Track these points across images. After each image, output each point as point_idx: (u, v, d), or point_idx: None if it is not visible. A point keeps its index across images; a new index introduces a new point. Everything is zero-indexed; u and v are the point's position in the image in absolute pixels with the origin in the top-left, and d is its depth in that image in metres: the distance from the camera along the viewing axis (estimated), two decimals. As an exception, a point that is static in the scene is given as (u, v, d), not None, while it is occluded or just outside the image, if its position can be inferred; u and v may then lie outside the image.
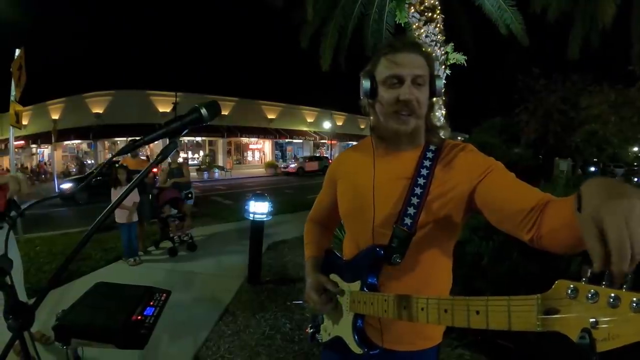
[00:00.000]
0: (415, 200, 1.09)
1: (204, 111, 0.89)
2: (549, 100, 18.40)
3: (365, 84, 1.17)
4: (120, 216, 5.34)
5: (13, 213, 3.04)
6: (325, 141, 38.04)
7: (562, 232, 0.79)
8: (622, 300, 0.51)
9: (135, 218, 5.50)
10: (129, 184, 0.93)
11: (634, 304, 0.50)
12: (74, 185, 14.60)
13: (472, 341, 2.93)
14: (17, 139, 23.26)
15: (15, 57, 6.69)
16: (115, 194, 5.33)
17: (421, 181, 1.10)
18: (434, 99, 1.19)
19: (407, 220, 1.08)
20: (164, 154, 0.88)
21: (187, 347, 3.16)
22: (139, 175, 0.96)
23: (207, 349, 3.17)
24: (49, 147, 28.58)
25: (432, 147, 1.16)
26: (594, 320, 0.53)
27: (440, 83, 1.15)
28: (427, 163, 1.12)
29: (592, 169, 21.95)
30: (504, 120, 21.17)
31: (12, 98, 6.84)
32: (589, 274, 0.56)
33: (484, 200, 1.03)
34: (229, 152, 33.15)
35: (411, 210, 1.08)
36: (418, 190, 1.09)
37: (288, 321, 3.63)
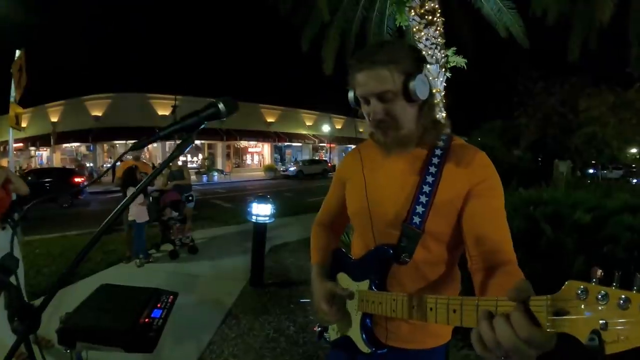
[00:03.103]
0: (424, 199, 1.08)
1: (221, 106, 0.87)
2: (548, 102, 18.46)
3: (350, 95, 1.18)
4: (136, 214, 5.42)
5: (16, 215, 3.03)
6: (325, 144, 38.06)
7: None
8: (632, 302, 0.50)
9: (147, 216, 5.60)
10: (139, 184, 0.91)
11: None
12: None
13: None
14: (16, 141, 23.21)
15: (16, 58, 6.67)
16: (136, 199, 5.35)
17: (430, 179, 1.09)
18: (427, 99, 1.11)
19: (416, 220, 1.07)
20: (180, 149, 0.86)
21: (191, 351, 3.13)
22: (150, 174, 0.94)
23: (211, 352, 3.14)
24: (48, 149, 28.61)
25: (440, 144, 1.14)
26: (603, 321, 0.52)
27: (414, 84, 1.05)
28: (435, 160, 1.11)
29: (591, 170, 21.96)
30: (504, 123, 21.25)
31: (11, 99, 6.80)
32: (598, 274, 0.55)
33: (466, 214, 1.07)
34: (228, 156, 33.16)
35: (420, 209, 1.08)
36: (427, 189, 1.08)
37: (292, 323, 3.60)
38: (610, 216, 3.84)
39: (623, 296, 0.51)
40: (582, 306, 0.55)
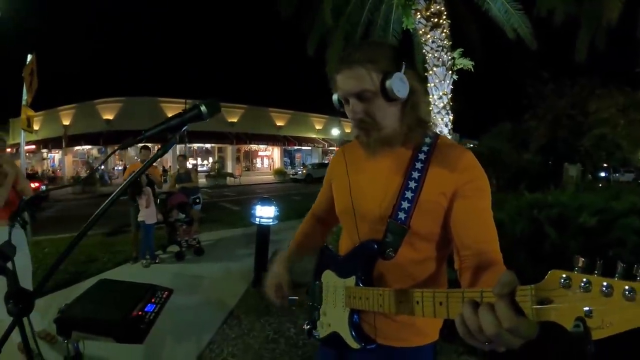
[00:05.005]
0: (409, 195, 1.08)
1: (203, 108, 0.92)
2: (557, 105, 18.24)
3: (334, 98, 1.21)
4: (145, 215, 5.51)
5: (26, 214, 3.10)
6: (334, 148, 38.07)
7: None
8: (615, 289, 0.52)
9: (156, 218, 5.70)
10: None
11: (627, 292, 0.51)
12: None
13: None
14: (28, 143, 23.50)
15: (27, 62, 6.81)
16: (141, 201, 5.44)
17: (415, 175, 1.09)
18: (410, 97, 1.10)
19: (401, 215, 1.08)
20: (163, 149, 0.91)
21: (190, 349, 3.17)
22: (135, 173, 0.98)
23: (210, 351, 3.17)
24: (60, 152, 29.03)
25: (426, 143, 1.14)
26: (588, 309, 0.54)
27: (391, 83, 1.03)
28: (421, 157, 1.11)
29: (602, 174, 21.61)
30: (513, 126, 21.03)
31: (23, 102, 6.95)
32: (580, 263, 0.57)
33: (453, 216, 1.07)
34: (238, 159, 33.31)
35: (405, 205, 1.08)
36: (412, 185, 1.08)
37: (292, 325, 3.62)
38: (617, 219, 3.79)
39: (605, 283, 0.53)
40: (566, 294, 0.57)
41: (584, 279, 0.55)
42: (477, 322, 0.66)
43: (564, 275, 0.58)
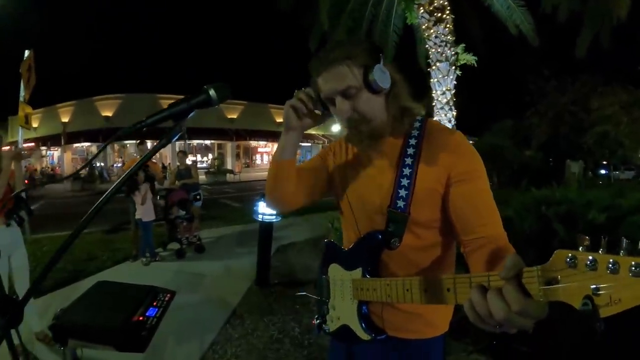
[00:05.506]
0: (405, 182, 1.09)
1: (212, 92, 0.82)
2: (559, 101, 18.19)
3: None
4: (142, 212, 5.41)
5: (23, 212, 3.03)
6: (334, 145, 37.95)
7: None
8: (621, 266, 0.52)
9: (154, 215, 5.63)
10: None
11: (633, 268, 0.51)
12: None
13: (487, 345, 2.83)
14: (27, 141, 23.35)
15: (25, 58, 6.70)
16: (136, 198, 5.36)
17: (409, 161, 1.10)
18: (392, 89, 1.10)
19: (400, 203, 1.08)
20: (168, 137, 0.81)
21: (193, 350, 3.10)
22: (138, 162, 0.89)
23: (213, 352, 3.10)
24: (59, 149, 28.93)
25: (415, 128, 1.14)
26: (595, 287, 0.54)
27: (373, 75, 1.04)
28: (412, 143, 1.12)
29: (603, 171, 21.56)
30: (515, 123, 21.01)
31: (21, 99, 6.85)
32: (586, 242, 0.57)
33: (451, 203, 1.07)
34: (237, 156, 33.23)
35: (402, 193, 1.08)
36: (407, 171, 1.09)
37: (297, 325, 3.55)
38: (624, 216, 3.74)
39: (611, 260, 0.53)
40: (573, 274, 0.57)
41: (590, 257, 0.55)
42: (486, 307, 0.67)
43: (569, 255, 0.58)
